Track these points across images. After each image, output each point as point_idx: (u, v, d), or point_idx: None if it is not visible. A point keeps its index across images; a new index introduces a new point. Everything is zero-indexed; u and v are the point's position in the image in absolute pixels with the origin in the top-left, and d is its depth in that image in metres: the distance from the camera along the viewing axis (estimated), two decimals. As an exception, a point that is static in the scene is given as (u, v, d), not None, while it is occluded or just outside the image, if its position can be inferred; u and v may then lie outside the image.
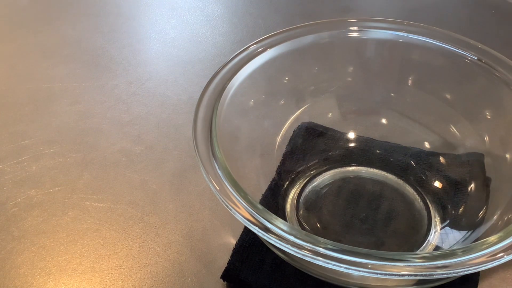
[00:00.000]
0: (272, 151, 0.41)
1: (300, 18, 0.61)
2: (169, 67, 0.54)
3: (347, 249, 0.26)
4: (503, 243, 0.27)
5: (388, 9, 0.62)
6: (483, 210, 0.35)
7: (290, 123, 0.42)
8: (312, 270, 0.32)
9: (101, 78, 0.53)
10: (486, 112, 0.40)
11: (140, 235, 0.37)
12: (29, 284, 0.35)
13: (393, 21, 0.42)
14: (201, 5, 0.65)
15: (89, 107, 0.49)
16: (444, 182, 0.39)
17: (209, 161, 0.31)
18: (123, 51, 0.57)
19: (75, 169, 0.43)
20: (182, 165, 0.43)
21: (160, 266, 0.35)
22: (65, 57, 0.56)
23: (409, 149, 0.41)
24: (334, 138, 0.43)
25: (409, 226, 0.37)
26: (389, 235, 0.36)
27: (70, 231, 0.38)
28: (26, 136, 0.46)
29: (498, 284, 0.34)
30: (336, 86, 0.44)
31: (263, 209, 0.28)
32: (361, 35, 0.42)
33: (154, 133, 0.46)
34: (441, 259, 0.26)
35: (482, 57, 0.38)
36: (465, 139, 0.40)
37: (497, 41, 0.55)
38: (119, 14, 0.64)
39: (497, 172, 0.37)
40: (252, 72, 0.39)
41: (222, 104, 0.36)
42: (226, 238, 0.37)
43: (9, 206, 0.40)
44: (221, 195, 0.29)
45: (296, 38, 0.41)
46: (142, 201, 0.40)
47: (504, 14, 0.61)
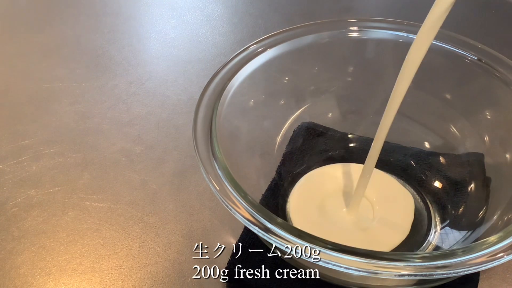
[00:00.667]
0: (272, 151, 0.41)
1: (300, 18, 0.61)
2: (169, 67, 0.54)
3: (347, 249, 0.26)
4: (503, 243, 0.27)
5: (388, 9, 0.62)
6: (483, 210, 0.35)
7: (290, 123, 0.42)
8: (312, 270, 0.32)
9: (101, 78, 0.53)
10: (486, 112, 0.40)
11: (140, 235, 0.37)
12: (29, 284, 0.35)
13: (393, 21, 0.42)
14: (201, 5, 0.65)
15: (89, 107, 0.49)
16: (444, 182, 0.39)
17: (209, 161, 0.31)
18: (123, 51, 0.57)
19: (75, 169, 0.43)
20: (182, 165, 0.43)
21: (160, 266, 0.35)
22: (65, 57, 0.56)
23: (409, 149, 0.41)
24: (334, 138, 0.43)
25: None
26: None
27: (70, 231, 0.38)
28: (26, 136, 0.46)
29: (498, 284, 0.34)
30: (336, 86, 0.44)
31: (263, 209, 0.28)
32: (361, 35, 0.42)
33: (154, 133, 0.46)
34: (441, 259, 0.26)
35: (482, 57, 0.38)
36: (465, 139, 0.40)
37: (497, 41, 0.55)
38: (119, 14, 0.64)
39: (497, 172, 0.37)
40: (252, 72, 0.39)
41: (222, 104, 0.36)
42: (226, 238, 0.37)
43: (9, 206, 0.40)
44: (221, 195, 0.29)
45: (296, 38, 0.41)
46: (142, 201, 0.40)
47: (504, 14, 0.61)
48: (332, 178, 0.40)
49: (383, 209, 0.37)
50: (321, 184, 0.40)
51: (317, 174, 0.41)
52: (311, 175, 0.40)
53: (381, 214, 0.37)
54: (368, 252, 0.26)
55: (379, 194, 0.38)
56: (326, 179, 0.40)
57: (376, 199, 0.38)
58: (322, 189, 0.39)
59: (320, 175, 0.40)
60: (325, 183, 0.40)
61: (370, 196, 0.38)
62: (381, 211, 0.37)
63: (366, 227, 0.36)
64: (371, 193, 0.38)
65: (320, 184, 0.40)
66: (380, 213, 0.37)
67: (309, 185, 0.40)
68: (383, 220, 0.37)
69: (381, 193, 0.38)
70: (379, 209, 0.37)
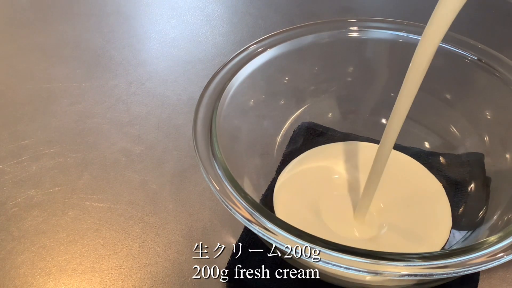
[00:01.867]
0: (272, 151, 0.41)
1: (300, 18, 0.61)
2: (169, 67, 0.54)
3: (347, 249, 0.26)
4: (503, 243, 0.27)
5: (388, 9, 0.62)
6: (483, 210, 0.35)
7: (290, 123, 0.42)
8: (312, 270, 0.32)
9: (101, 78, 0.53)
10: (486, 112, 0.40)
11: (140, 235, 0.37)
12: (29, 284, 0.35)
13: (393, 21, 0.42)
14: (201, 5, 0.65)
15: (89, 107, 0.49)
16: (444, 182, 0.39)
17: (209, 161, 0.31)
18: (123, 51, 0.57)
19: (75, 169, 0.43)
20: (182, 165, 0.43)
21: (160, 266, 0.35)
22: (65, 57, 0.56)
23: (409, 149, 0.41)
24: (334, 138, 0.42)
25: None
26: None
27: (70, 231, 0.38)
28: (26, 136, 0.46)
29: (498, 284, 0.34)
30: (336, 86, 0.44)
31: (263, 209, 0.28)
32: (361, 35, 0.42)
33: (154, 133, 0.46)
34: (441, 259, 0.26)
35: (482, 57, 0.38)
36: (465, 139, 0.40)
37: (497, 41, 0.55)
38: (119, 14, 0.64)
39: (497, 172, 0.37)
40: (252, 72, 0.39)
41: (222, 104, 0.36)
42: (226, 238, 0.37)
43: (9, 206, 0.40)
44: (221, 195, 0.29)
45: (296, 38, 0.41)
46: (142, 201, 0.40)
47: (504, 14, 0.61)
48: (329, 167, 0.39)
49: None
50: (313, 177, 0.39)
51: (309, 160, 0.39)
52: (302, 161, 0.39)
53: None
54: (368, 252, 0.26)
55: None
56: (320, 172, 0.39)
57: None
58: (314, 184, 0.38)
59: (313, 161, 0.39)
60: (319, 176, 0.39)
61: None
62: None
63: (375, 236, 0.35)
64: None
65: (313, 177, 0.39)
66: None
67: (300, 177, 0.39)
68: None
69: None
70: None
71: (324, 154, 0.40)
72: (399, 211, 0.36)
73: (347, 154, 0.40)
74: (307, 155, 0.40)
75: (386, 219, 0.36)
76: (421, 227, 0.35)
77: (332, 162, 0.40)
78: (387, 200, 0.37)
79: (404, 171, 0.39)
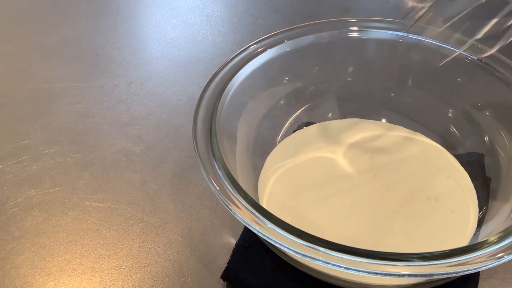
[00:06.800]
0: (272, 151, 0.41)
1: (300, 18, 0.61)
2: (169, 67, 0.54)
3: (347, 249, 0.26)
4: (503, 243, 0.27)
5: (388, 9, 0.62)
6: (483, 210, 0.35)
7: (290, 123, 0.42)
8: (312, 270, 0.32)
9: (101, 78, 0.53)
10: (486, 112, 0.40)
11: (140, 235, 0.37)
12: (29, 284, 0.35)
13: (393, 21, 0.42)
14: (201, 5, 0.65)
15: (89, 107, 0.49)
16: (444, 182, 0.39)
17: (209, 161, 0.31)
18: (123, 51, 0.57)
19: (75, 169, 0.43)
20: (182, 165, 0.43)
21: (160, 266, 0.35)
22: (65, 57, 0.56)
23: (409, 149, 0.41)
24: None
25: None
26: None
27: (70, 231, 0.38)
28: (26, 136, 0.46)
29: (498, 284, 0.34)
30: (336, 86, 0.44)
31: (263, 209, 0.28)
32: (361, 35, 0.42)
33: (154, 133, 0.46)
34: (441, 259, 0.26)
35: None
36: (465, 139, 0.40)
37: (497, 41, 0.55)
38: (119, 14, 0.64)
39: (497, 172, 0.37)
40: (252, 72, 0.39)
41: (222, 104, 0.36)
42: (226, 238, 0.37)
43: (9, 206, 0.40)
44: (221, 195, 0.29)
45: (296, 38, 0.41)
46: (142, 201, 0.40)
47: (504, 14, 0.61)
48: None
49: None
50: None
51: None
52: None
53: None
54: (368, 252, 0.26)
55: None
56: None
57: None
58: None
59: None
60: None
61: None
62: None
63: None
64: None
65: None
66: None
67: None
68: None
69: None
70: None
71: (299, 142, 0.40)
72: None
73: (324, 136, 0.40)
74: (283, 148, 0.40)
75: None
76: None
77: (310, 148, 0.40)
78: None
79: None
